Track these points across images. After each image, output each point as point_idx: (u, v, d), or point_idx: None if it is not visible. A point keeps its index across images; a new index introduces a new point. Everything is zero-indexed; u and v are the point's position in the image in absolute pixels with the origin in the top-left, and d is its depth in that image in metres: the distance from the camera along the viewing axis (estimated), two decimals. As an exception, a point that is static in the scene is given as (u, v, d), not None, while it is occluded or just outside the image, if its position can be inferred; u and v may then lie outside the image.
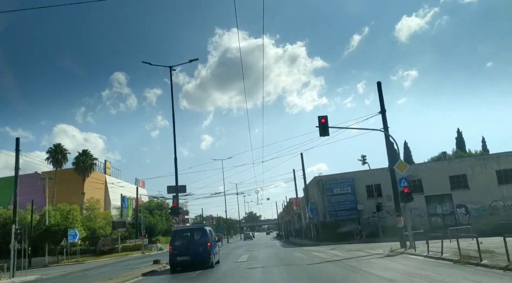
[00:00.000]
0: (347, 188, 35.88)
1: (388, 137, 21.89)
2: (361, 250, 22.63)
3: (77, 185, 63.91)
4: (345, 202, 35.71)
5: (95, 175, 69.07)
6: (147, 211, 69.97)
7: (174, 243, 16.28)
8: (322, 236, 36.51)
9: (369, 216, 35.39)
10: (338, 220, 35.69)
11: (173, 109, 24.60)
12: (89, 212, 61.23)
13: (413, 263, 13.91)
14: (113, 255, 47.49)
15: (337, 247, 26.83)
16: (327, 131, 20.10)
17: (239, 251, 29.75)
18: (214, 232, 18.33)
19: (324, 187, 36.74)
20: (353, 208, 35.40)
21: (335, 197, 36.03)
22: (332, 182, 36.44)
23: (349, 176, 36.34)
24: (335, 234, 34.74)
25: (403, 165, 20.50)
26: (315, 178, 37.63)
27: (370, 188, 35.24)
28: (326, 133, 20.09)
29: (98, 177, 71.30)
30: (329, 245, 30.76)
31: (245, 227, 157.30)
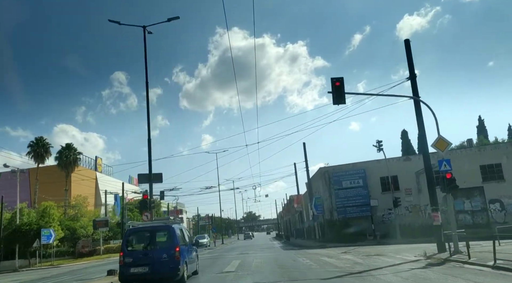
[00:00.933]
0: (358, 181, 30.84)
1: (418, 104, 16.81)
2: (383, 254, 17.69)
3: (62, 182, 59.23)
4: (356, 197, 30.67)
5: (85, 172, 64.52)
6: (137, 210, 65.02)
7: (126, 248, 11.24)
8: (329, 237, 31.50)
9: (384, 213, 30.36)
10: (348, 217, 30.66)
11: (147, 73, 19.62)
12: (75, 210, 56.55)
13: (494, 280, 8.89)
14: (93, 257, 42.47)
15: (349, 250, 21.86)
16: (343, 97, 15.05)
17: (231, 255, 24.74)
18: (187, 232, 13.10)
19: (331, 179, 31.70)
20: (365, 204, 30.37)
21: (344, 191, 31.00)
22: (340, 173, 31.42)
23: (361, 166, 31.31)
24: (344, 234, 29.78)
25: (443, 143, 15.45)
26: (321, 170, 32.61)
27: (385, 181, 30.21)
28: (341, 99, 15.06)
29: (88, 174, 66.45)
30: (338, 247, 25.83)
31: (244, 227, 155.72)
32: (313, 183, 37.44)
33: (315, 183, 36.04)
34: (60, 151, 60.57)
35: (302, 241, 39.21)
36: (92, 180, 68.74)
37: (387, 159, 29.52)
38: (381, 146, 27.19)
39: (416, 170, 29.73)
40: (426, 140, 16.48)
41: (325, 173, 32.04)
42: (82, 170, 65.21)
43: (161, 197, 44.56)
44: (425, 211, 29.41)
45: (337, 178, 31.40)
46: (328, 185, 31.80)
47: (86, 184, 64.15)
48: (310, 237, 42.22)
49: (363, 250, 21.69)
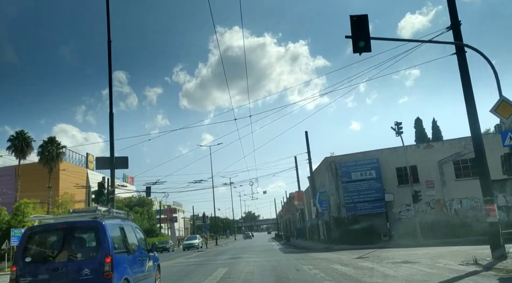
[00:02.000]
0: (371, 172, 26.43)
1: (463, 55, 12.34)
2: (415, 261, 13.36)
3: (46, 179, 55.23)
4: (368, 190, 26.27)
5: (76, 169, 60.30)
6: (127, 208, 60.62)
7: (22, 259, 6.78)
8: (335, 237, 27.10)
9: (401, 209, 25.96)
10: (358, 215, 26.28)
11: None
12: (61, 209, 52.26)
13: None
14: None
15: (365, 255, 17.51)
16: (367, 39, 10.58)
17: (219, 261, 20.33)
18: (139, 232, 8.49)
19: (338, 171, 27.30)
20: (378, 199, 25.98)
21: (354, 184, 26.60)
22: (349, 164, 27.01)
23: (373, 155, 26.90)
24: (354, 234, 25.42)
25: (507, 108, 10.98)
26: (326, 159, 28.18)
27: (402, 172, 25.83)
28: (366, 46, 10.60)
29: (79, 171, 62.15)
30: (348, 250, 21.53)
31: (243, 227, 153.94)
32: (316, 176, 33.01)
33: (319, 176, 31.62)
34: (42, 145, 56.08)
35: (304, 242, 34.79)
36: (83, 178, 64.62)
37: (406, 146, 25.10)
38: (401, 129, 22.73)
39: (439, 159, 25.35)
40: (475, 105, 12.02)
41: (331, 164, 27.62)
42: (73, 167, 61.49)
43: (147, 194, 40.15)
44: (451, 207, 25.04)
45: (345, 169, 26.98)
46: (335, 177, 27.38)
47: (76, 181, 60.04)
48: (312, 238, 37.79)
49: (383, 254, 17.29)
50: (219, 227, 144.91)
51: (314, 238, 36.80)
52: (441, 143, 25.95)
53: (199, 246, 43.29)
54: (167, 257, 30.66)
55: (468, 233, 22.36)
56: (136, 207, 63.14)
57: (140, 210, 63.06)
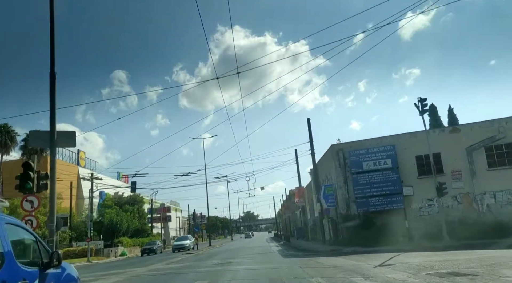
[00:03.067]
0: (386, 161, 22.47)
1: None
2: (467, 272, 9.52)
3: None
4: (382, 183, 22.33)
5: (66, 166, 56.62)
6: (117, 206, 56.63)
7: None
8: (344, 238, 23.18)
9: (421, 205, 22.01)
10: (371, 211, 22.36)
11: None
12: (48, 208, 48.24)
13: None
14: (47, 264, 34.02)
15: (387, 261, 13.67)
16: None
17: (202, 269, 16.35)
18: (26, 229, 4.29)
19: (347, 160, 23.35)
20: (395, 193, 22.06)
21: (366, 175, 22.65)
22: (360, 152, 23.04)
23: (389, 141, 22.94)
24: (366, 234, 21.56)
25: None
26: (333, 147, 24.19)
27: (424, 161, 21.92)
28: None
29: (69, 168, 58.32)
30: (361, 253, 17.75)
31: (242, 226, 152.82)
32: (320, 168, 29.05)
33: (324, 168, 27.66)
34: (25, 139, 52.34)
35: (306, 243, 30.84)
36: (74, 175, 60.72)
37: (428, 130, 21.17)
38: (425, 107, 18.74)
39: (467, 145, 21.42)
40: None
41: (338, 152, 23.65)
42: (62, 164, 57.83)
43: (132, 189, 36.15)
44: (482, 201, 21.11)
45: (355, 158, 23.01)
46: (343, 168, 23.42)
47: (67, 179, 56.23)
48: (315, 238, 33.84)
49: (411, 260, 13.41)
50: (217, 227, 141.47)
51: (317, 238, 32.84)
52: (470, 127, 22.00)
53: (190, 247, 39.33)
54: (148, 261, 26.76)
55: (504, 233, 18.44)
56: (126, 205, 59.04)
57: (130, 208, 58.97)
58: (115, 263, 32.17)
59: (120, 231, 48.92)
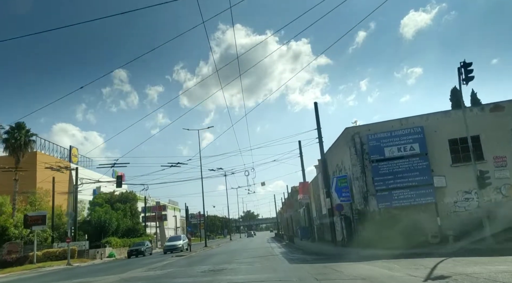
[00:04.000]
0: (412, 147, 18.67)
1: None
2: None
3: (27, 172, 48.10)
4: (408, 172, 18.54)
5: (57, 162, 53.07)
6: (108, 205, 52.93)
7: None
8: (361, 238, 19.38)
9: (456, 199, 18.20)
10: (394, 207, 18.59)
11: None
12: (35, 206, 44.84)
13: None
14: (21, 267, 30.30)
15: (438, 272, 9.95)
16: None
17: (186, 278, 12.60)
18: None
19: (364, 146, 19.55)
20: (424, 184, 18.30)
21: (388, 164, 18.87)
22: (381, 135, 19.25)
23: (416, 122, 19.13)
24: (389, 234, 17.77)
25: None
26: (348, 131, 20.35)
27: (459, 145, 18.16)
28: None
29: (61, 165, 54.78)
30: (387, 258, 14.22)
31: (242, 226, 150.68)
32: (330, 157, 25.26)
33: (336, 156, 23.84)
34: (8, 132, 48.41)
35: (314, 245, 27.05)
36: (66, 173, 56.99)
37: (465, 108, 17.36)
38: (470, 73, 14.92)
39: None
40: None
41: (354, 137, 19.84)
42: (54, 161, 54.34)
43: (117, 184, 32.30)
44: (534, 194, 17.27)
45: (375, 142, 19.22)
46: (360, 155, 19.61)
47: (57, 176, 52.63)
48: (323, 239, 30.07)
49: (467, 270, 9.73)
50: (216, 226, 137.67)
51: (326, 239, 29.06)
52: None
53: (183, 249, 35.57)
54: (129, 265, 23.06)
55: None
56: (117, 203, 55.29)
57: (122, 206, 55.19)
58: (97, 266, 28.44)
59: (109, 231, 45.14)
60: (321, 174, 27.67)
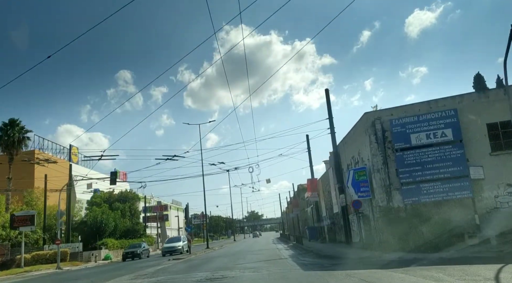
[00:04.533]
0: (444, 133, 16.04)
1: None
2: None
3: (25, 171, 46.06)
4: (439, 162, 15.91)
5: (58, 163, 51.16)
6: (106, 204, 50.63)
7: None
8: (383, 239, 16.78)
9: (497, 193, 15.51)
10: (423, 202, 15.96)
11: None
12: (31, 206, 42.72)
13: None
14: (8, 271, 27.94)
15: (494, 278, 7.19)
16: None
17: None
18: None
19: (387, 132, 16.96)
20: (458, 176, 15.67)
21: (415, 153, 16.25)
22: (406, 120, 16.62)
23: (448, 104, 16.47)
24: (416, 234, 15.22)
25: None
26: (367, 116, 17.72)
27: (499, 130, 15.52)
28: None
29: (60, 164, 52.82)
30: (420, 264, 11.80)
31: (246, 226, 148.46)
32: (344, 149, 22.68)
33: (351, 146, 21.22)
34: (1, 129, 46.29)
35: (325, 247, 24.41)
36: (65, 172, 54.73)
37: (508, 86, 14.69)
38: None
39: None
40: None
41: (375, 123, 17.21)
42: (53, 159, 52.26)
43: (111, 181, 29.85)
44: None
45: (400, 128, 16.60)
46: (381, 143, 16.99)
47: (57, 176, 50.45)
48: (335, 239, 27.45)
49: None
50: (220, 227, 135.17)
51: (338, 240, 26.46)
52: None
53: (183, 250, 33.07)
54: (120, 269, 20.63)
55: None
56: (116, 203, 52.95)
57: (121, 206, 52.82)
58: (87, 270, 26.02)
59: (105, 232, 42.73)
60: (333, 168, 25.07)
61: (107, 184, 53.27)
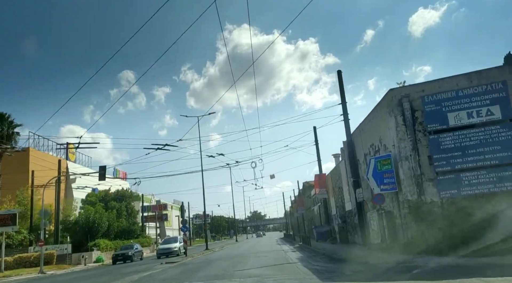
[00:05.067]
0: (489, 110, 13.15)
1: None
2: None
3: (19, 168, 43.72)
4: (484, 146, 13.02)
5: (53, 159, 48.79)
6: (102, 203, 47.96)
7: None
8: (412, 240, 13.88)
9: (560, 183, 12.60)
10: (464, 196, 13.06)
11: None
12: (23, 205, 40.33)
13: None
14: (-15, 275, 25.26)
15: None
16: None
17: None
18: None
19: (417, 112, 14.08)
20: (508, 162, 12.75)
21: (454, 135, 13.37)
22: (442, 96, 13.73)
23: (494, 76, 13.53)
24: (457, 234, 12.33)
25: None
26: (392, 94, 14.79)
27: (561, 106, 12.62)
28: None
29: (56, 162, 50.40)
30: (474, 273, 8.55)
31: (248, 227, 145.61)
32: (360, 137, 19.81)
33: (370, 132, 18.31)
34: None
35: (339, 249, 21.50)
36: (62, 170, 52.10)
37: None
38: None
39: None
40: None
41: (402, 101, 14.33)
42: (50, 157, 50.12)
43: (100, 176, 27.05)
44: None
45: (434, 106, 13.71)
46: (410, 126, 14.11)
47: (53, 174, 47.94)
48: (348, 240, 24.55)
49: None
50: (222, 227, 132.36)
51: (351, 240, 23.57)
52: None
53: (179, 252, 30.29)
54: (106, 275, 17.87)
55: None
56: (112, 202, 50.25)
57: (117, 205, 50.11)
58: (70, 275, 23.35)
59: (98, 232, 40.01)
60: (346, 160, 22.19)
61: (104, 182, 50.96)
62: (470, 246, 11.95)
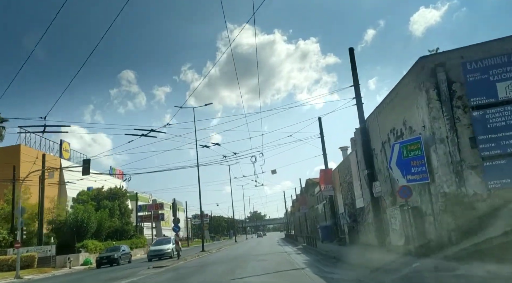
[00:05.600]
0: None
1: None
2: None
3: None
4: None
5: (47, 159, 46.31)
6: (94, 202, 45.36)
7: None
8: (447, 241, 11.18)
9: None
10: (519, 187, 10.35)
11: None
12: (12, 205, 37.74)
13: None
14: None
15: None
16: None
17: None
18: None
19: (454, 84, 11.40)
20: None
21: (504, 111, 10.72)
22: (488, 63, 11.05)
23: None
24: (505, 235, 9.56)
25: None
26: (423, 62, 12.08)
27: None
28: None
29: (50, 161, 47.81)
30: None
31: (248, 227, 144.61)
32: (377, 121, 17.13)
33: (390, 114, 15.54)
34: (-20, 118, 41.32)
35: (351, 251, 18.81)
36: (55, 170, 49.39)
37: None
38: None
39: None
40: None
41: (436, 71, 11.66)
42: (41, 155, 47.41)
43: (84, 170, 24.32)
44: None
45: (478, 75, 11.05)
46: (447, 101, 11.44)
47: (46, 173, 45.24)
48: (358, 241, 21.84)
49: None
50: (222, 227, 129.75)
51: (363, 241, 20.83)
52: None
53: (172, 254, 27.63)
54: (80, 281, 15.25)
55: None
56: (104, 201, 47.57)
57: (109, 204, 47.45)
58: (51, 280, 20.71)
59: (87, 232, 37.35)
60: (359, 150, 19.51)
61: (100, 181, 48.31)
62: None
